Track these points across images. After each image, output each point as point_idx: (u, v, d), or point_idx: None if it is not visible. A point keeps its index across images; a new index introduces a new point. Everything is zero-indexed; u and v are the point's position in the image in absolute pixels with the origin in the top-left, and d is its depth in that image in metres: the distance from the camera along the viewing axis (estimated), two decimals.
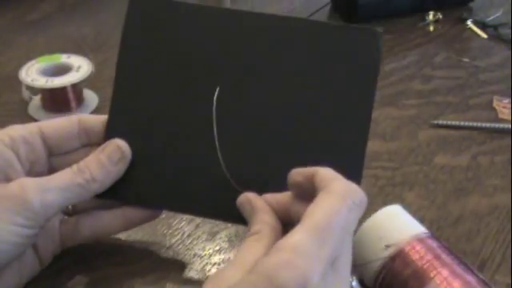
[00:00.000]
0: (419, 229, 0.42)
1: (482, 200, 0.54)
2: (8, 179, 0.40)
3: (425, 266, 0.39)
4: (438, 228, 0.50)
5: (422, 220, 0.51)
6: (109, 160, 0.42)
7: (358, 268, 0.42)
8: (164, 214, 0.50)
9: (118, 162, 0.42)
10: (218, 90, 0.42)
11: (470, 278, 0.39)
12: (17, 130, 0.42)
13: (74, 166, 0.41)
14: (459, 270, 0.39)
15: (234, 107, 0.42)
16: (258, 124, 0.42)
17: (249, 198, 0.40)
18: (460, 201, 0.54)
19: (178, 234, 0.49)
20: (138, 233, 0.49)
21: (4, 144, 0.41)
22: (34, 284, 0.43)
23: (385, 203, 0.45)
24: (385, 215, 0.43)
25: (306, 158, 0.41)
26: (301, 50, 0.43)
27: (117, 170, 0.42)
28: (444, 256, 0.40)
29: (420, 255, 0.40)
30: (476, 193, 0.55)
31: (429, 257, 0.40)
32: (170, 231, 0.49)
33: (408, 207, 0.52)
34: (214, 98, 0.42)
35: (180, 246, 0.48)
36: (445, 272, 0.39)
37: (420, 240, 0.41)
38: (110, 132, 0.44)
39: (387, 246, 0.41)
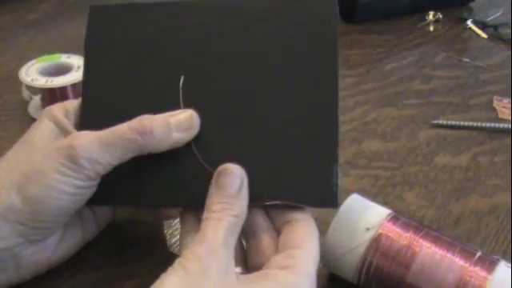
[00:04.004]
0: (386, 210, 0.43)
1: (481, 200, 0.54)
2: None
3: (408, 242, 0.40)
4: (438, 228, 0.50)
5: (422, 220, 0.51)
6: (176, 124, 0.40)
7: (336, 262, 0.42)
8: None
9: (184, 130, 0.41)
10: (182, 79, 0.43)
11: (452, 243, 0.40)
12: (72, 103, 0.45)
13: (134, 120, 0.40)
14: (438, 238, 0.41)
15: (202, 94, 0.43)
16: (226, 107, 0.42)
17: (243, 176, 0.39)
18: (460, 201, 0.54)
19: (178, 233, 0.49)
20: (138, 233, 0.49)
21: (60, 114, 0.43)
22: (33, 284, 0.43)
23: (385, 203, 0.45)
24: (353, 202, 0.43)
25: (278, 137, 0.41)
26: (257, 29, 0.43)
27: (177, 139, 0.40)
28: (420, 229, 0.41)
29: (399, 233, 0.40)
30: (476, 193, 0.55)
31: (407, 233, 0.40)
32: (170, 231, 0.49)
33: (408, 207, 0.53)
34: (180, 86, 0.42)
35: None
36: (427, 243, 0.40)
37: (392, 219, 0.41)
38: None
39: (368, 229, 0.41)
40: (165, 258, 0.46)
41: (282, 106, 0.42)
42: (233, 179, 0.38)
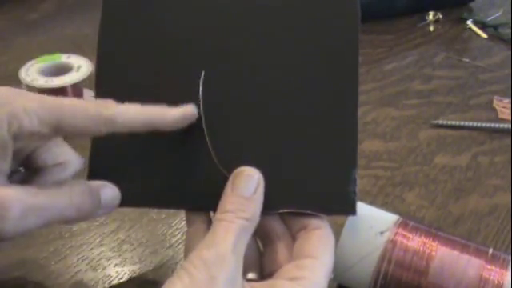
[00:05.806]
0: (394, 215, 0.42)
1: (482, 200, 0.54)
2: None
3: (421, 246, 0.40)
4: (438, 228, 0.50)
5: (422, 220, 0.51)
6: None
7: (347, 272, 0.41)
8: (164, 214, 0.51)
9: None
10: (202, 75, 0.42)
11: (465, 243, 0.40)
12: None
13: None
14: (450, 239, 0.40)
15: (221, 90, 0.41)
16: (243, 110, 0.41)
17: (260, 180, 0.38)
18: (460, 201, 0.54)
19: (178, 233, 0.49)
20: (138, 233, 0.49)
21: None
22: (34, 284, 0.43)
23: (385, 203, 0.45)
24: (362, 209, 0.42)
25: (297, 142, 0.40)
26: (278, 22, 0.42)
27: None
28: (430, 232, 0.41)
29: (411, 238, 0.40)
30: (476, 193, 0.55)
31: (420, 237, 0.40)
32: (170, 231, 0.49)
33: (408, 207, 0.53)
34: (200, 82, 0.42)
35: (180, 246, 0.48)
36: (441, 245, 0.40)
37: (402, 224, 0.41)
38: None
39: (382, 233, 0.40)
40: (165, 258, 0.47)
41: (301, 109, 0.40)
42: (249, 181, 0.37)
